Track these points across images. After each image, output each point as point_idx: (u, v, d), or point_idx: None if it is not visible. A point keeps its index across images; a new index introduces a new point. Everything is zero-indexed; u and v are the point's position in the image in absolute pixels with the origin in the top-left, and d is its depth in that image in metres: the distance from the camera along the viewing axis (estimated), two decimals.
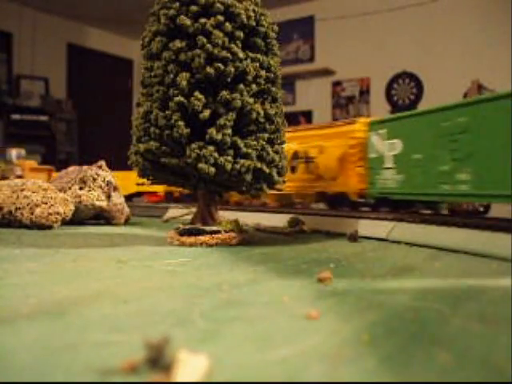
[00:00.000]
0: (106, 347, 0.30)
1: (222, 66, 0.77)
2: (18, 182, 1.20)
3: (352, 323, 0.36)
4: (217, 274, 0.57)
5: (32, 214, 1.12)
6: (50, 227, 1.12)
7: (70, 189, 1.25)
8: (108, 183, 1.29)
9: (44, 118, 5.05)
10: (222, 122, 0.78)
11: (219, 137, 0.77)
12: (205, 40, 0.77)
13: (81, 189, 1.26)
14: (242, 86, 0.79)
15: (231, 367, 0.27)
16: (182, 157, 0.80)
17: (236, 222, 0.88)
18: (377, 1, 4.60)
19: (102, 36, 6.01)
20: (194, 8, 0.78)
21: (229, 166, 0.78)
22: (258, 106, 0.81)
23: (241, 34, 0.79)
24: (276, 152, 0.86)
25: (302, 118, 4.75)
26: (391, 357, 0.29)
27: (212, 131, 0.77)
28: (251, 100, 0.80)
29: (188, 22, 0.78)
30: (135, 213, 1.53)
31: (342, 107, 4.94)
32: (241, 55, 0.79)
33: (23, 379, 0.25)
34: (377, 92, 4.71)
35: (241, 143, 0.80)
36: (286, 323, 0.36)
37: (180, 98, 0.77)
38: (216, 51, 0.77)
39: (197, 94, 0.77)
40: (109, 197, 1.28)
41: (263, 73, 0.83)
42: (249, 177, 0.82)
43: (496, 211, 1.02)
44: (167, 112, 0.78)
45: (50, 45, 5.40)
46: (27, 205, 1.12)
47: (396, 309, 0.41)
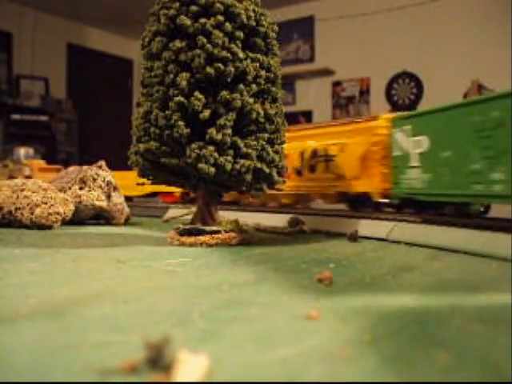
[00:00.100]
0: (106, 347, 0.30)
1: (221, 66, 0.77)
2: (18, 181, 1.20)
3: (352, 323, 0.36)
4: (217, 274, 0.57)
5: (32, 213, 1.12)
6: (49, 227, 1.12)
7: (69, 189, 1.26)
8: (108, 183, 1.29)
9: (44, 118, 5.04)
10: (222, 122, 0.78)
11: (219, 137, 0.77)
12: (205, 40, 0.77)
13: (81, 189, 1.26)
14: (242, 86, 0.79)
15: (231, 367, 0.27)
16: (181, 157, 0.80)
17: (236, 222, 0.88)
18: (377, 1, 4.60)
19: (102, 36, 6.01)
20: (193, 8, 0.78)
21: (229, 166, 0.78)
22: (257, 106, 0.81)
23: (241, 34, 0.79)
24: (276, 152, 0.86)
25: (301, 118, 4.74)
26: (392, 357, 0.29)
27: (212, 131, 0.77)
28: (251, 100, 0.80)
29: (188, 22, 0.78)
30: (135, 213, 1.53)
31: (341, 107, 4.94)
32: (241, 55, 0.79)
33: (23, 379, 0.25)
34: (377, 92, 4.71)
35: (241, 143, 0.80)
36: (286, 323, 0.36)
37: (180, 98, 0.77)
38: (216, 51, 0.77)
39: (197, 94, 0.77)
40: (109, 197, 1.28)
41: (263, 73, 0.83)
42: (249, 177, 0.82)
43: (496, 211, 1.02)
44: (167, 112, 0.78)
45: (49, 45, 5.40)
46: (27, 205, 1.12)
47: (396, 309, 0.41)
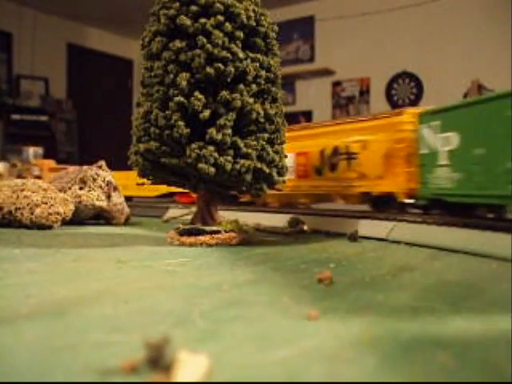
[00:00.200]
0: (106, 347, 0.30)
1: (221, 66, 0.77)
2: (18, 181, 1.20)
3: (352, 323, 0.36)
4: (217, 274, 0.57)
5: (32, 213, 1.12)
6: (50, 227, 1.12)
7: (69, 189, 1.26)
8: (108, 183, 1.29)
9: (44, 118, 5.04)
10: (222, 122, 0.78)
11: (219, 137, 0.77)
12: (205, 40, 0.77)
13: (81, 189, 1.26)
14: (242, 86, 0.79)
15: (231, 367, 0.27)
16: (182, 157, 0.80)
17: (236, 222, 0.88)
18: (377, 1, 4.60)
19: (102, 36, 6.00)
20: (193, 8, 0.78)
21: (229, 166, 0.78)
22: (258, 106, 0.81)
23: (241, 34, 0.79)
24: (276, 152, 0.86)
25: (302, 118, 4.74)
26: (391, 357, 0.29)
27: (212, 131, 0.77)
28: (251, 100, 0.80)
29: (188, 22, 0.78)
30: (135, 213, 1.53)
31: (341, 107, 4.93)
32: (241, 55, 0.79)
33: (23, 379, 0.25)
34: (377, 92, 4.71)
35: (241, 143, 0.80)
36: (286, 323, 0.36)
37: (180, 98, 0.77)
38: (216, 51, 0.77)
39: (197, 94, 0.77)
40: (109, 197, 1.28)
41: (263, 73, 0.83)
42: (249, 177, 0.82)
43: None
44: (167, 112, 0.78)
45: (49, 45, 5.39)
46: (27, 205, 1.12)
47: (396, 309, 0.41)
